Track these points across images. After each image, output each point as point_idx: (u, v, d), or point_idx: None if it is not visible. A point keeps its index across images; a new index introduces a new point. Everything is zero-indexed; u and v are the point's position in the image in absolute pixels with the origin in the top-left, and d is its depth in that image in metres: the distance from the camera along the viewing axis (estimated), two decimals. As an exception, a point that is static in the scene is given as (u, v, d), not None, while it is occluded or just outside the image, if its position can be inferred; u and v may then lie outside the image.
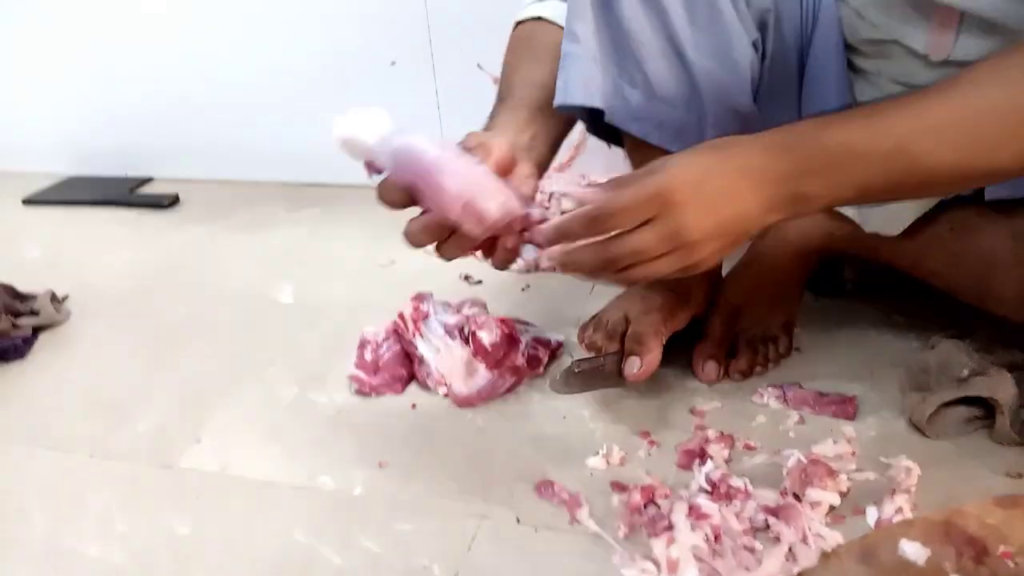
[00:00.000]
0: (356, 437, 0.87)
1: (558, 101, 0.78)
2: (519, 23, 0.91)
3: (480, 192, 0.64)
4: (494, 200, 0.64)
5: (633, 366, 0.83)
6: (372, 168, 0.71)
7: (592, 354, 0.91)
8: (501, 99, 0.84)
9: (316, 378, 0.98)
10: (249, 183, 1.67)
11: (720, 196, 0.57)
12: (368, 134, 0.68)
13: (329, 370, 0.99)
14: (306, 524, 0.76)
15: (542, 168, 0.82)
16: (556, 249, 0.63)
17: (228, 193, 1.64)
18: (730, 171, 0.57)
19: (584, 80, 0.77)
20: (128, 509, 0.80)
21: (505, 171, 0.71)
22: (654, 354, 0.84)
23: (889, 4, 0.74)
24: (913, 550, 0.40)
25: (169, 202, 1.61)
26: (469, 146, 0.72)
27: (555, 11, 0.88)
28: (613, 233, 0.59)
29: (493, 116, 0.82)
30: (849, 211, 0.84)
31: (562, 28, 0.83)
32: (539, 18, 0.89)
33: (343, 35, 1.50)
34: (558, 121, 0.84)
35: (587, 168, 1.45)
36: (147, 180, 1.76)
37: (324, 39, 1.51)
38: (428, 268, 1.21)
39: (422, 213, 0.70)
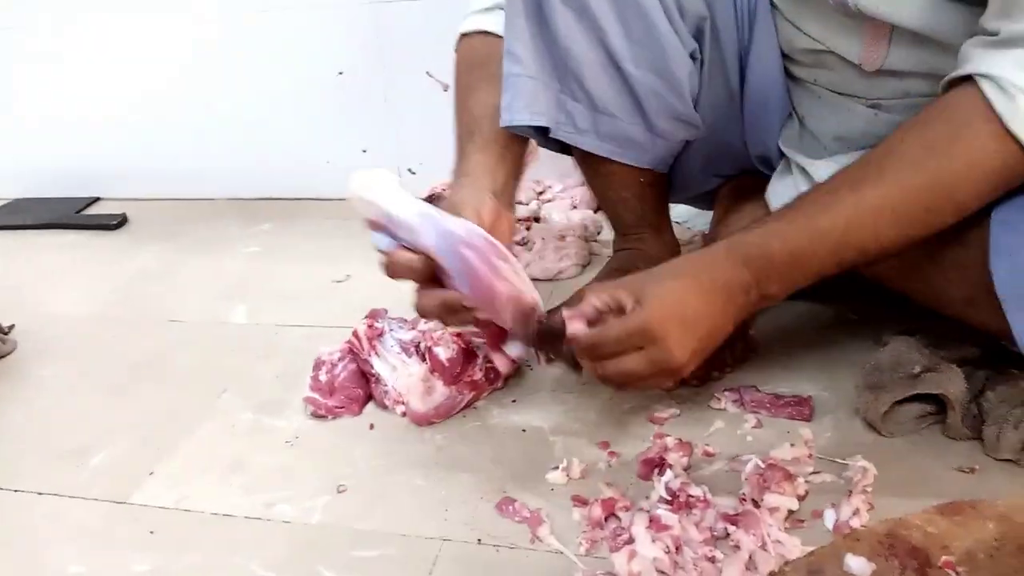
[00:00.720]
0: (314, 462, 0.86)
1: (504, 121, 0.78)
2: (464, 35, 0.90)
3: (521, 294, 0.74)
4: (531, 298, 0.75)
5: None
6: (379, 229, 0.75)
7: None
8: (469, 134, 0.83)
9: (272, 403, 0.96)
10: (199, 201, 1.64)
11: (697, 318, 0.64)
12: (385, 199, 0.72)
13: (285, 394, 0.97)
14: (265, 557, 0.75)
15: (513, 195, 0.86)
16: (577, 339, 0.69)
17: (178, 212, 1.61)
18: (702, 295, 0.64)
19: (528, 99, 0.77)
20: (82, 548, 0.78)
21: (494, 231, 0.74)
22: None
23: (823, 16, 0.75)
24: (858, 565, 0.40)
25: (117, 223, 1.57)
26: (459, 211, 0.73)
27: (500, 23, 0.87)
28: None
29: (465, 157, 0.82)
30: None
31: None
32: (486, 32, 0.88)
33: (290, 47, 1.48)
34: (522, 150, 0.85)
35: (540, 174, 1.45)
36: (94, 200, 1.72)
37: (271, 51, 1.49)
38: (384, 283, 1.18)
39: (426, 285, 0.75)
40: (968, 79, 0.61)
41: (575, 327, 0.68)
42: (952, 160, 0.61)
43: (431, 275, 0.73)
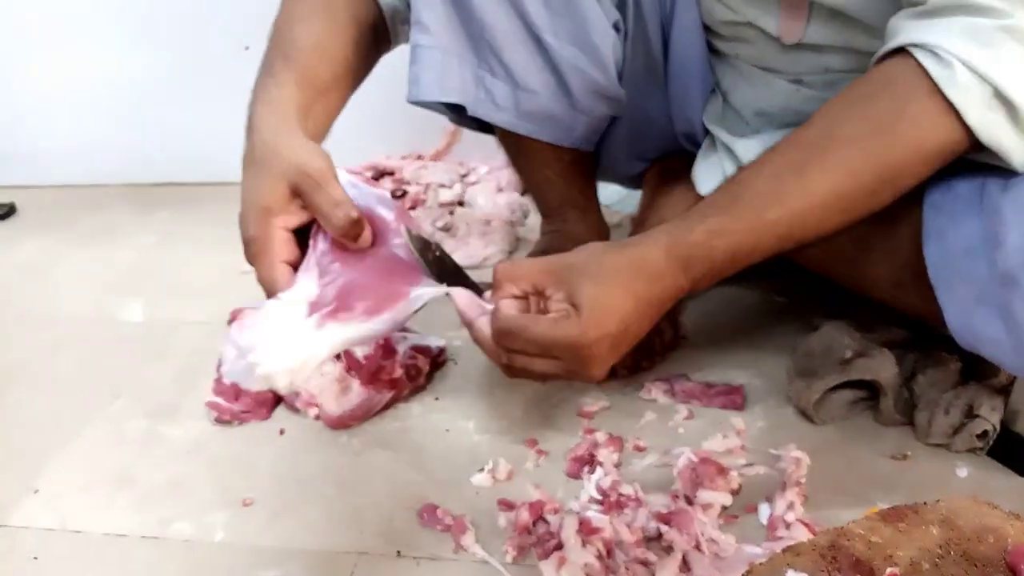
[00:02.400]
0: (216, 473, 0.79)
1: (411, 97, 0.72)
2: None
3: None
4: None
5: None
6: None
7: None
8: (284, 57, 0.68)
9: (168, 409, 0.88)
10: (92, 187, 1.53)
11: (627, 337, 0.59)
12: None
13: (183, 398, 0.90)
14: (159, 581, 0.68)
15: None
16: (465, 313, 0.62)
17: (69, 199, 1.49)
18: (638, 311, 0.58)
19: (438, 74, 0.72)
20: (-53, 583, 0.70)
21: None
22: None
23: None
24: (802, 581, 0.37)
25: (4, 212, 1.46)
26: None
27: None
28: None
29: (275, 80, 0.67)
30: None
31: None
32: None
33: (192, 20, 1.37)
34: (339, 99, 0.73)
35: (464, 155, 1.39)
36: (-24, 189, 1.58)
37: (172, 24, 1.38)
38: (295, 273, 1.12)
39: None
40: (901, 51, 0.59)
41: (501, 297, 0.60)
42: (898, 139, 0.58)
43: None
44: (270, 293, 0.60)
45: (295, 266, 0.61)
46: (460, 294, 0.62)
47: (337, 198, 0.58)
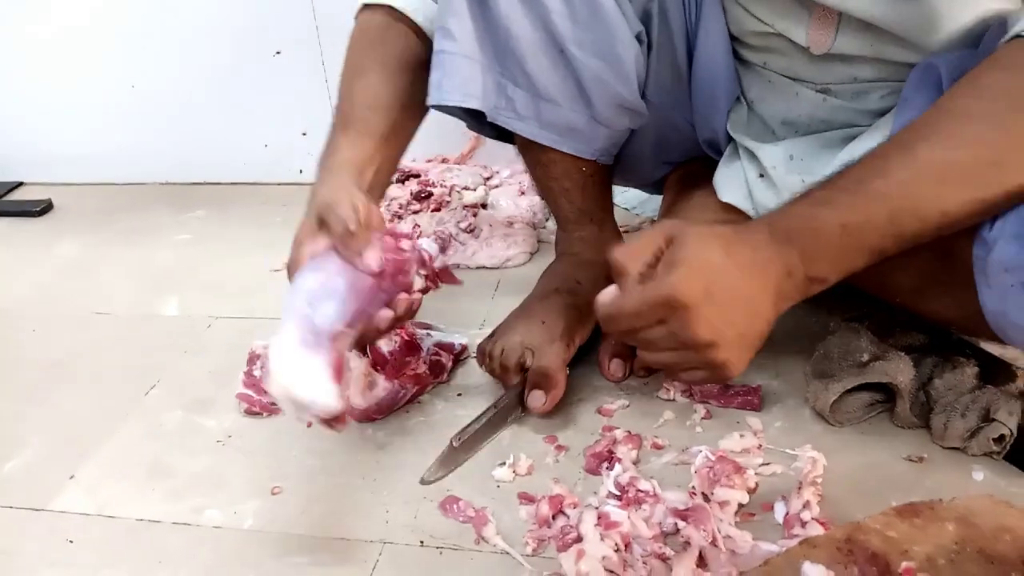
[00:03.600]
0: (246, 463, 0.82)
1: (432, 100, 0.74)
2: (366, 6, 0.83)
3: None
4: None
5: (538, 400, 0.80)
6: None
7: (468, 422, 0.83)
8: (344, 121, 0.77)
9: (203, 401, 0.91)
10: (129, 186, 1.56)
11: (730, 297, 0.55)
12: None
13: (218, 391, 0.92)
14: (193, 566, 0.71)
15: (382, 194, 0.82)
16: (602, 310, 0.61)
17: (106, 198, 1.52)
18: (736, 270, 0.55)
19: (461, 79, 0.73)
20: (-9, 562, 0.73)
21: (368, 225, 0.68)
22: (560, 387, 0.81)
23: None
24: (816, 573, 0.38)
25: (41, 209, 1.49)
26: (335, 207, 0.67)
27: (408, 0, 0.81)
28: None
29: (334, 145, 0.76)
30: (743, 203, 0.83)
31: (414, 25, 0.79)
32: (390, 7, 0.81)
33: (224, 26, 1.41)
34: (400, 144, 0.81)
35: (487, 159, 1.41)
36: (17, 185, 1.62)
37: (206, 30, 1.42)
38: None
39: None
40: (1018, 38, 0.57)
41: (599, 295, 0.60)
42: (1019, 105, 0.54)
43: None
44: None
45: None
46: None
47: (341, 214, 0.65)
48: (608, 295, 0.60)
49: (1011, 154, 0.55)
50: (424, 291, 0.73)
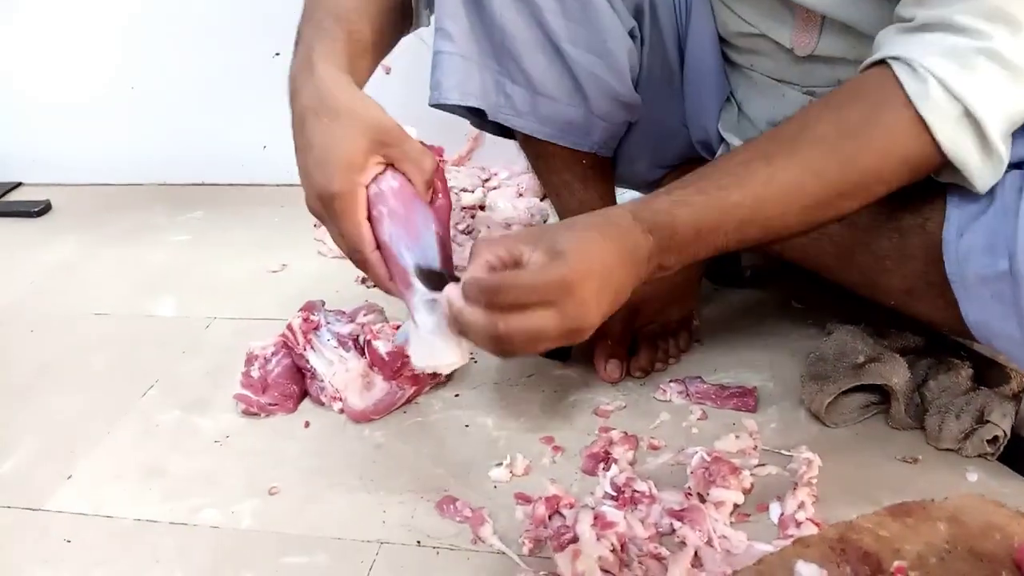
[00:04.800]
0: (244, 464, 0.82)
1: (433, 100, 0.74)
2: None
3: None
4: None
5: None
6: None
7: None
8: (333, 15, 0.69)
9: (200, 401, 0.91)
10: (127, 187, 1.56)
11: (607, 279, 0.57)
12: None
13: (214, 391, 0.92)
14: (189, 566, 0.71)
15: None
16: (453, 303, 0.57)
17: (105, 198, 1.53)
18: (612, 255, 0.57)
19: (459, 79, 0.74)
20: (-14, 562, 0.73)
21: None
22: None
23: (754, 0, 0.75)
24: (809, 572, 0.39)
25: (39, 210, 1.49)
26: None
27: None
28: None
29: (324, 35, 0.68)
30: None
31: None
32: None
33: (223, 28, 1.41)
34: (365, 69, 0.73)
35: (485, 161, 1.41)
36: (15, 186, 1.62)
37: (204, 30, 1.42)
38: (322, 273, 1.15)
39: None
40: (882, 63, 0.60)
41: (475, 270, 0.57)
42: (866, 144, 0.59)
43: None
44: (356, 250, 0.63)
45: None
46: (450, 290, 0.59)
47: (420, 147, 0.64)
48: (481, 269, 0.57)
49: (851, 187, 0.60)
50: None
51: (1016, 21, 0.56)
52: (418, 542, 0.70)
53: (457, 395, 0.88)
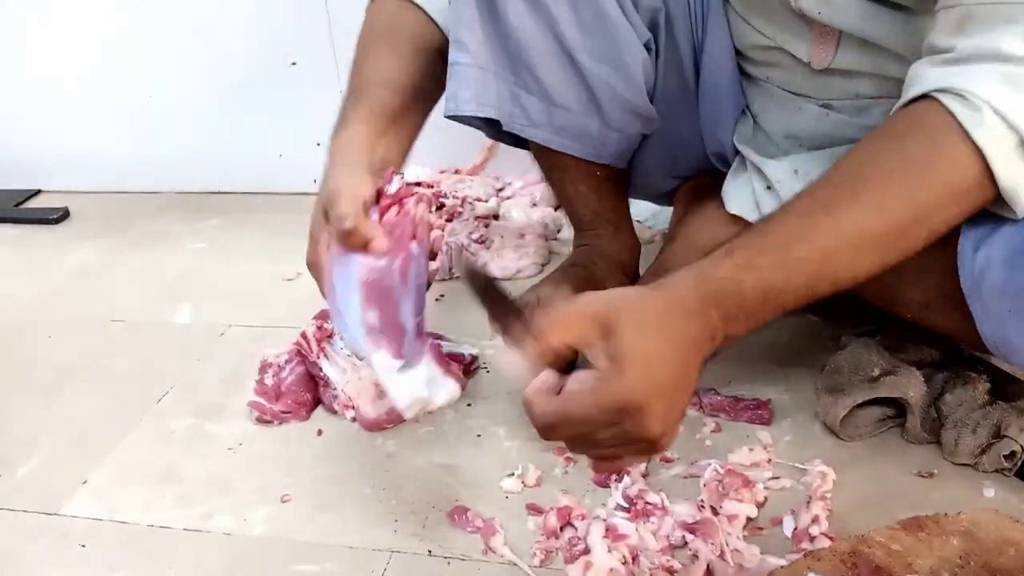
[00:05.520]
0: (257, 471, 0.82)
1: (448, 111, 0.75)
2: None
3: None
4: None
5: None
6: None
7: None
8: (354, 97, 0.77)
9: (214, 408, 0.92)
10: (144, 194, 1.58)
11: (675, 385, 0.54)
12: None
13: (229, 398, 0.93)
14: (202, 572, 0.71)
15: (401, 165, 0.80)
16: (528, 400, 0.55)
17: (122, 205, 1.54)
18: (675, 353, 0.53)
19: (476, 90, 0.75)
20: (5, 563, 0.74)
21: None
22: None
23: (771, 13, 0.75)
24: (821, 586, 0.38)
25: (58, 217, 1.51)
26: (336, 197, 0.68)
27: None
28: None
29: (345, 123, 0.76)
30: (751, 214, 0.83)
31: (425, 13, 0.79)
32: None
33: (240, 37, 1.42)
34: (413, 123, 0.80)
35: (499, 170, 1.42)
36: (34, 193, 1.64)
37: (221, 40, 1.43)
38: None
39: None
40: (927, 97, 0.58)
41: (538, 356, 0.54)
42: (930, 177, 0.56)
43: None
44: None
45: None
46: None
47: (340, 212, 0.67)
48: (538, 389, 0.54)
49: (915, 224, 0.57)
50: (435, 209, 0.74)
51: None
52: (429, 551, 0.70)
53: (470, 404, 0.88)
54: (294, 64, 1.43)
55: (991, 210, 0.59)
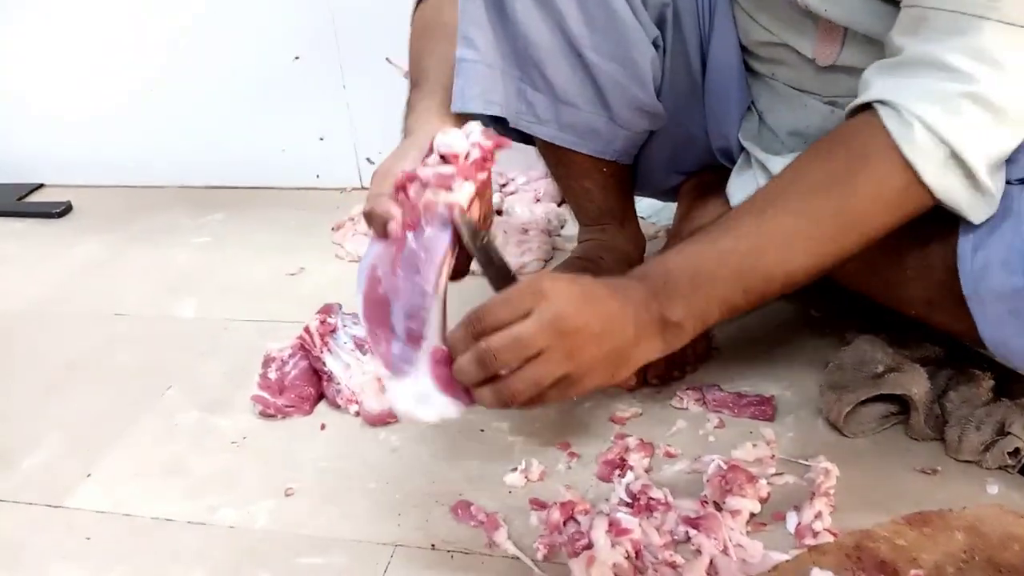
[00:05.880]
0: (261, 464, 0.82)
1: (455, 107, 0.75)
2: (419, 3, 0.84)
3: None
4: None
5: None
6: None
7: None
8: (416, 84, 0.76)
9: (219, 401, 0.92)
10: (148, 188, 1.57)
11: (592, 297, 0.57)
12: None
13: (233, 392, 0.93)
14: (205, 564, 0.71)
15: None
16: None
17: (126, 200, 1.54)
18: (593, 304, 0.56)
19: (482, 87, 0.75)
20: (11, 555, 0.74)
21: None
22: None
23: (777, 9, 0.75)
24: (826, 580, 0.38)
25: (61, 211, 1.51)
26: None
27: None
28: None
29: (411, 106, 0.74)
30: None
31: None
32: None
33: (243, 31, 1.42)
34: None
35: (503, 166, 1.42)
36: (37, 187, 1.64)
37: (224, 35, 1.43)
38: (339, 276, 1.16)
39: None
40: (868, 107, 0.61)
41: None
42: (856, 190, 0.60)
43: None
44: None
45: None
46: None
47: (372, 191, 0.65)
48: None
49: (845, 231, 0.61)
50: (482, 186, 0.66)
51: (1000, 63, 0.57)
52: (432, 545, 0.71)
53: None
54: (297, 59, 1.43)
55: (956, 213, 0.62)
